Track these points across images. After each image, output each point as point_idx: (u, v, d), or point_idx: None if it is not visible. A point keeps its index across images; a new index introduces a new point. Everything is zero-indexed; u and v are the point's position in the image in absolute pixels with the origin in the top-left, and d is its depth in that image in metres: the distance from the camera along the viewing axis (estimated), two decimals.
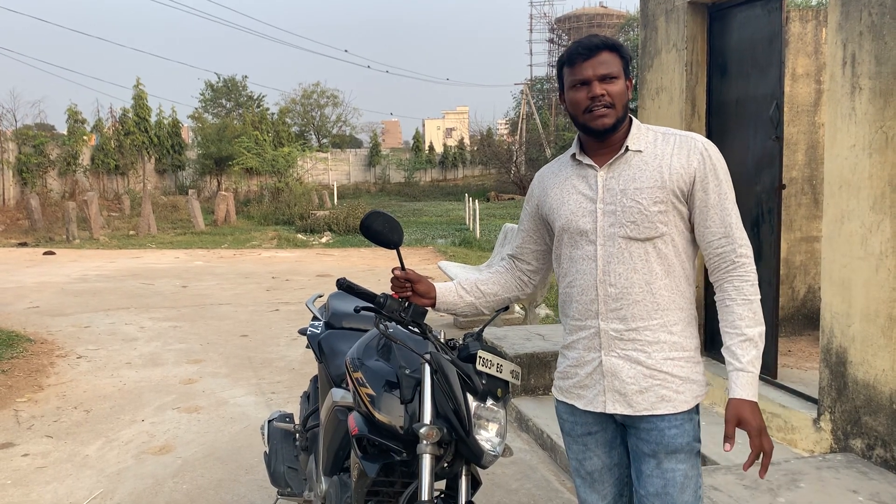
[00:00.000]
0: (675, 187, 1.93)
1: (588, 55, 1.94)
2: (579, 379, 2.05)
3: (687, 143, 1.96)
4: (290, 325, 7.87)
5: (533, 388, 5.01)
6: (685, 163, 1.94)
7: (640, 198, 1.93)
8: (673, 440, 1.95)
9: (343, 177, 40.69)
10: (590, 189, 2.01)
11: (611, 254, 1.96)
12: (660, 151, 1.96)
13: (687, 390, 1.96)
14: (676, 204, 1.94)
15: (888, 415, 3.24)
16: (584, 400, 2.04)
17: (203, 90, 49.06)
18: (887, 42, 3.23)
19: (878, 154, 3.27)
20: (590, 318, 2.00)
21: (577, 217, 2.01)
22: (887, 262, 3.22)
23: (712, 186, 1.94)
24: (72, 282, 11.05)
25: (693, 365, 1.99)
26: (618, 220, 1.95)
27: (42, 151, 23.14)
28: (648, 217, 1.93)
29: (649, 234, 1.93)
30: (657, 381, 1.95)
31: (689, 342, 1.99)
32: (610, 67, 1.93)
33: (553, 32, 61.27)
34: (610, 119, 1.93)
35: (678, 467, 1.96)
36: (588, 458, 2.11)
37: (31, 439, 4.61)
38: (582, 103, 1.95)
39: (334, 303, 3.23)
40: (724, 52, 4.66)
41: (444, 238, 18.03)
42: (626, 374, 1.95)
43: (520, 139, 44.77)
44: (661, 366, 1.95)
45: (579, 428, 2.10)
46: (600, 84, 1.93)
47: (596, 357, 1.99)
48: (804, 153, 5.54)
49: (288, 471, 3.30)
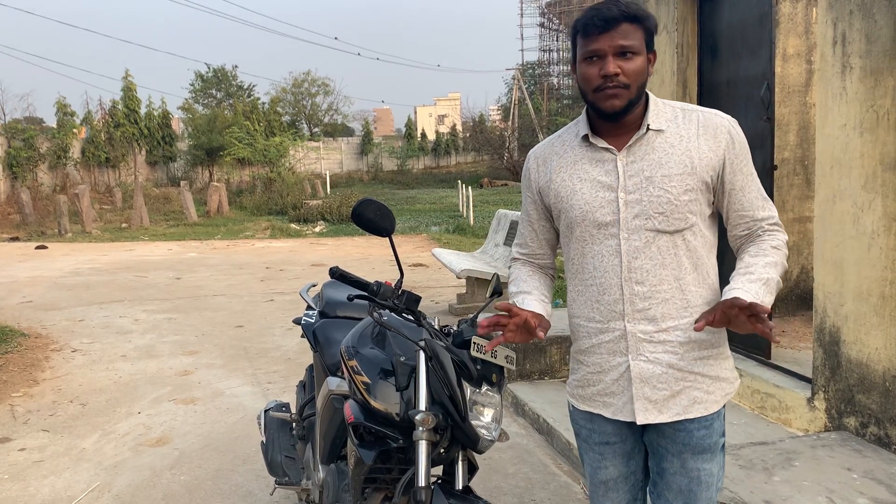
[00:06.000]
0: (704, 173, 1.75)
1: (605, 27, 1.69)
2: (604, 386, 1.86)
3: (713, 123, 1.78)
4: (285, 314, 7.86)
5: (528, 373, 5.02)
6: (713, 145, 1.76)
7: (670, 186, 1.74)
8: (701, 441, 1.83)
9: (335, 165, 40.55)
10: (607, 176, 1.79)
11: (636, 248, 1.76)
12: (684, 132, 1.77)
13: (717, 389, 1.83)
14: (705, 191, 1.78)
15: (881, 393, 3.26)
16: (613, 408, 1.86)
17: (193, 81, 48.90)
18: (877, 20, 3.22)
19: (869, 133, 3.27)
20: (614, 320, 1.80)
21: (595, 208, 1.79)
22: (879, 241, 3.23)
23: (743, 167, 1.79)
24: (65, 275, 11.01)
25: (723, 361, 1.85)
26: (644, 211, 1.75)
27: (32, 145, 22.96)
28: (679, 207, 1.74)
29: (679, 225, 1.75)
30: (688, 384, 1.79)
31: (719, 338, 1.84)
32: (630, 40, 1.70)
33: (544, 17, 61.00)
34: (621, 101, 1.72)
35: (704, 466, 1.84)
36: (604, 467, 1.96)
37: (28, 434, 4.61)
38: (593, 80, 1.72)
39: (328, 292, 3.23)
40: (714, 33, 4.65)
41: (437, 225, 18.00)
42: (656, 379, 1.78)
43: (512, 125, 44.63)
44: (692, 366, 1.79)
45: (597, 437, 1.94)
46: (616, 60, 1.69)
47: (622, 361, 1.80)
48: (796, 134, 5.54)
49: (285, 460, 3.31)
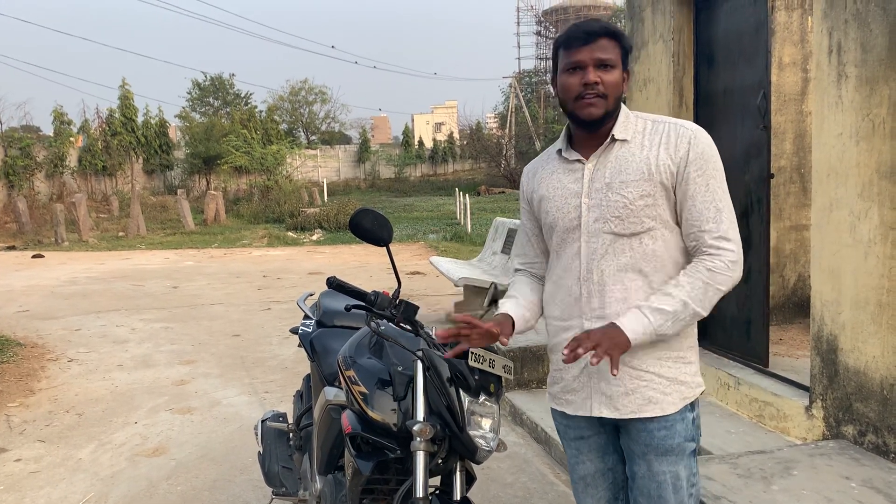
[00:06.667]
0: (662, 178, 1.83)
1: (586, 40, 1.82)
2: (566, 383, 1.98)
3: (675, 132, 1.86)
4: (282, 323, 7.84)
5: (527, 382, 5.01)
6: (672, 152, 1.83)
7: (626, 191, 1.83)
8: (662, 442, 1.89)
9: (333, 173, 40.59)
10: (575, 183, 1.92)
11: (594, 250, 1.87)
12: (647, 142, 1.86)
13: (674, 391, 1.88)
14: (664, 197, 1.84)
15: (879, 401, 3.26)
16: (573, 405, 1.97)
17: (190, 89, 48.90)
18: (872, 29, 3.23)
19: (864, 142, 3.28)
20: (573, 318, 1.92)
21: (563, 214, 1.93)
22: (876, 249, 3.24)
23: (696, 178, 1.82)
24: (61, 284, 10.98)
25: (683, 365, 1.90)
26: (602, 215, 1.86)
27: (28, 154, 22.96)
28: (634, 212, 1.83)
29: (635, 229, 1.84)
30: (643, 383, 1.87)
31: (680, 342, 1.89)
32: (609, 54, 1.82)
33: (540, 25, 61.28)
34: (599, 110, 1.83)
35: (669, 469, 1.90)
36: (581, 462, 2.06)
37: (24, 444, 4.58)
38: (574, 89, 1.84)
39: (325, 301, 3.22)
40: (710, 42, 4.67)
41: (435, 233, 18.01)
42: (611, 376, 1.85)
43: (509, 132, 44.77)
44: (647, 366, 1.86)
45: (572, 432, 2.05)
46: (595, 71, 1.81)
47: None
48: (792, 142, 5.55)
49: (282, 470, 3.29)
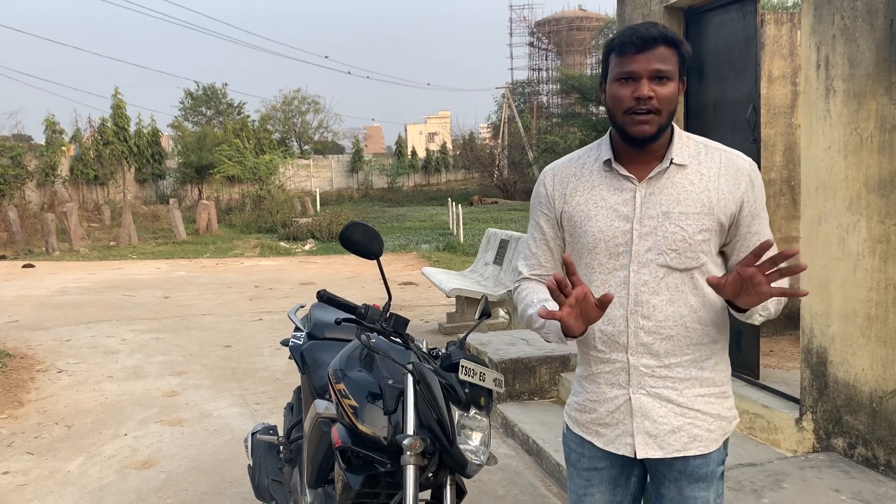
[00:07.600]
0: (721, 214, 1.73)
1: (642, 46, 1.66)
2: (598, 416, 1.85)
3: (734, 164, 1.76)
4: (274, 334, 7.82)
5: (518, 394, 5.01)
6: (733, 187, 1.74)
7: (686, 224, 1.71)
8: (697, 469, 1.82)
9: (325, 183, 40.59)
10: (625, 206, 1.76)
11: (644, 282, 1.74)
12: (705, 169, 1.75)
13: (717, 428, 1.81)
14: (718, 233, 1.75)
15: (868, 413, 3.27)
16: (604, 439, 1.85)
17: (182, 99, 48.87)
18: (860, 45, 3.27)
19: (853, 155, 3.31)
20: (616, 351, 1.79)
21: (609, 237, 1.77)
22: (864, 263, 3.26)
23: (760, 212, 1.77)
24: (52, 294, 10.92)
25: (723, 400, 1.84)
26: (657, 246, 1.73)
27: (20, 163, 22.85)
28: (692, 246, 1.72)
29: (690, 264, 1.73)
30: (688, 420, 1.78)
31: (721, 377, 1.84)
32: (666, 64, 1.67)
33: (533, 36, 61.63)
34: (652, 127, 1.69)
35: (700, 494, 1.83)
36: (590, 493, 1.92)
37: (12, 456, 4.55)
38: (625, 101, 1.69)
39: (316, 313, 3.22)
40: (700, 55, 4.70)
41: (427, 243, 18.01)
42: (656, 414, 1.77)
43: (502, 143, 44.92)
44: (692, 403, 1.78)
45: (585, 461, 1.91)
46: (650, 83, 1.66)
47: (622, 394, 1.79)
48: (782, 154, 5.60)
49: (272, 483, 3.28)
